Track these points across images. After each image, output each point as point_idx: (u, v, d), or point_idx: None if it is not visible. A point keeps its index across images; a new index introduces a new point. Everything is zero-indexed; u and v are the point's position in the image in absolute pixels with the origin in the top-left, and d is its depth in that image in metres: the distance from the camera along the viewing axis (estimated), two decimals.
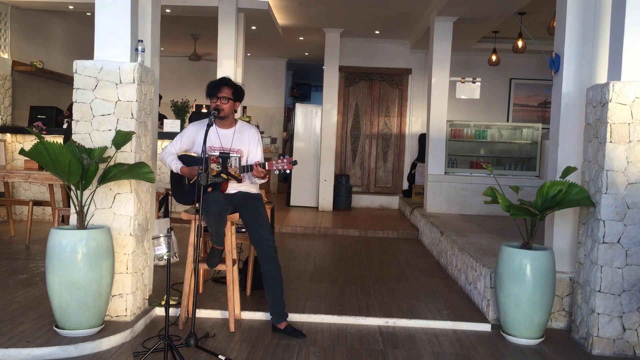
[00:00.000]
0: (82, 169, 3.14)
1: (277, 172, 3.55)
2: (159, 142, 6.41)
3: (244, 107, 10.23)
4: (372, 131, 10.25)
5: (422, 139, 9.24)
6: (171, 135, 6.47)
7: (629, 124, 3.30)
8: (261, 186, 3.88)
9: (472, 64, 10.11)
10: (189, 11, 7.36)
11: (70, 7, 7.58)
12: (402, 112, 10.24)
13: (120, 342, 3.26)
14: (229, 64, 6.89)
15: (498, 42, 8.88)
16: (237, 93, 3.62)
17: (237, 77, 6.90)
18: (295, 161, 3.49)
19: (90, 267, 3.14)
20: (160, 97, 8.24)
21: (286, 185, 10.29)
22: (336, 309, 3.96)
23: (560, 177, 3.53)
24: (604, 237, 3.34)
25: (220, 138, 3.62)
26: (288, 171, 3.53)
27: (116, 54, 3.47)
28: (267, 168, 3.48)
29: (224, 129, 3.65)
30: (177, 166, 3.66)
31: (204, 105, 9.63)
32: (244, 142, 3.65)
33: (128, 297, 3.49)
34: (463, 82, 10.21)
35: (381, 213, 9.26)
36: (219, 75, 6.54)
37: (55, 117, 6.96)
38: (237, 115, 3.73)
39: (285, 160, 3.48)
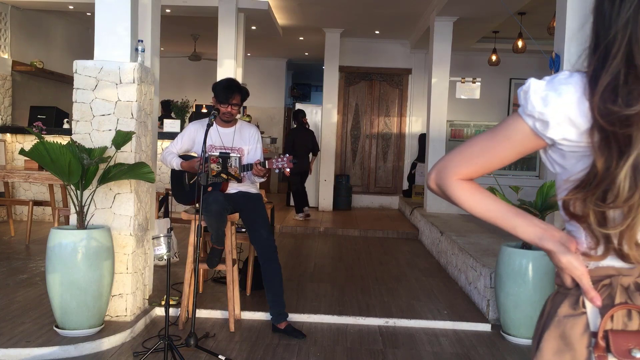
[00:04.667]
0: (82, 169, 3.14)
1: (277, 170, 3.55)
2: (159, 142, 6.41)
3: (244, 107, 10.23)
4: (372, 131, 10.25)
5: (422, 139, 9.24)
6: (171, 135, 6.47)
7: None
8: (261, 186, 3.88)
9: (472, 64, 10.10)
10: (189, 11, 7.36)
11: (70, 7, 7.58)
12: (402, 112, 10.24)
13: (120, 342, 3.26)
14: (229, 64, 6.89)
15: (498, 42, 8.87)
16: (244, 97, 3.66)
17: (237, 77, 6.90)
18: (296, 160, 3.50)
19: (90, 267, 3.14)
20: (171, 105, 8.24)
21: (286, 185, 10.29)
22: (336, 309, 3.96)
23: None
24: None
25: (221, 137, 3.64)
26: (288, 169, 3.54)
27: (116, 54, 3.47)
28: (267, 167, 3.48)
29: (224, 127, 3.67)
30: (177, 162, 3.68)
31: (204, 105, 9.62)
32: (245, 141, 3.67)
33: (128, 297, 3.49)
34: (463, 82, 10.21)
35: (381, 213, 9.26)
36: (220, 76, 6.57)
37: (55, 118, 6.95)
38: (237, 115, 3.74)
39: (285, 159, 3.49)
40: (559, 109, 0.95)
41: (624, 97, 0.88)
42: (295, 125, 8.47)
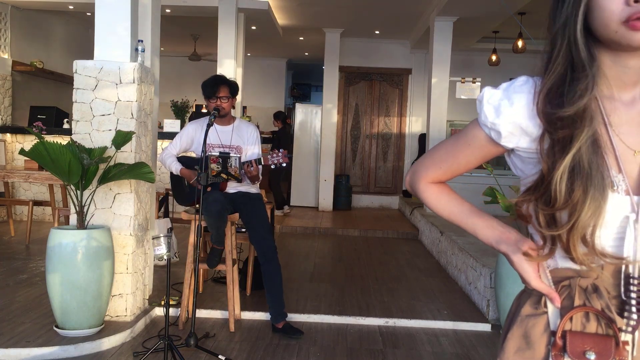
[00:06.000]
0: (82, 169, 3.14)
1: (273, 166, 3.55)
2: (159, 142, 6.42)
3: (244, 107, 10.23)
4: (372, 131, 10.25)
5: (422, 139, 9.24)
6: (171, 135, 6.47)
7: None
8: (260, 186, 3.88)
9: (472, 64, 10.10)
10: (189, 11, 7.36)
11: (70, 7, 7.58)
12: (402, 112, 10.24)
13: (120, 342, 3.26)
14: (229, 64, 6.89)
15: (498, 42, 8.87)
16: (234, 89, 3.65)
17: (237, 77, 6.90)
18: (289, 155, 3.51)
19: (90, 267, 3.14)
20: None
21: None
22: (336, 309, 3.96)
23: None
24: None
25: (219, 135, 3.64)
26: (284, 164, 3.54)
27: (116, 54, 3.47)
28: (262, 164, 3.49)
29: (222, 125, 3.67)
30: (177, 168, 3.66)
31: (204, 105, 9.61)
32: (243, 139, 3.67)
33: (128, 297, 3.49)
34: (463, 82, 10.21)
35: (381, 213, 9.26)
36: None
37: (55, 118, 6.95)
38: (237, 115, 3.75)
39: (280, 154, 3.50)
40: (510, 119, 0.95)
41: (564, 98, 0.89)
42: (281, 126, 8.62)
